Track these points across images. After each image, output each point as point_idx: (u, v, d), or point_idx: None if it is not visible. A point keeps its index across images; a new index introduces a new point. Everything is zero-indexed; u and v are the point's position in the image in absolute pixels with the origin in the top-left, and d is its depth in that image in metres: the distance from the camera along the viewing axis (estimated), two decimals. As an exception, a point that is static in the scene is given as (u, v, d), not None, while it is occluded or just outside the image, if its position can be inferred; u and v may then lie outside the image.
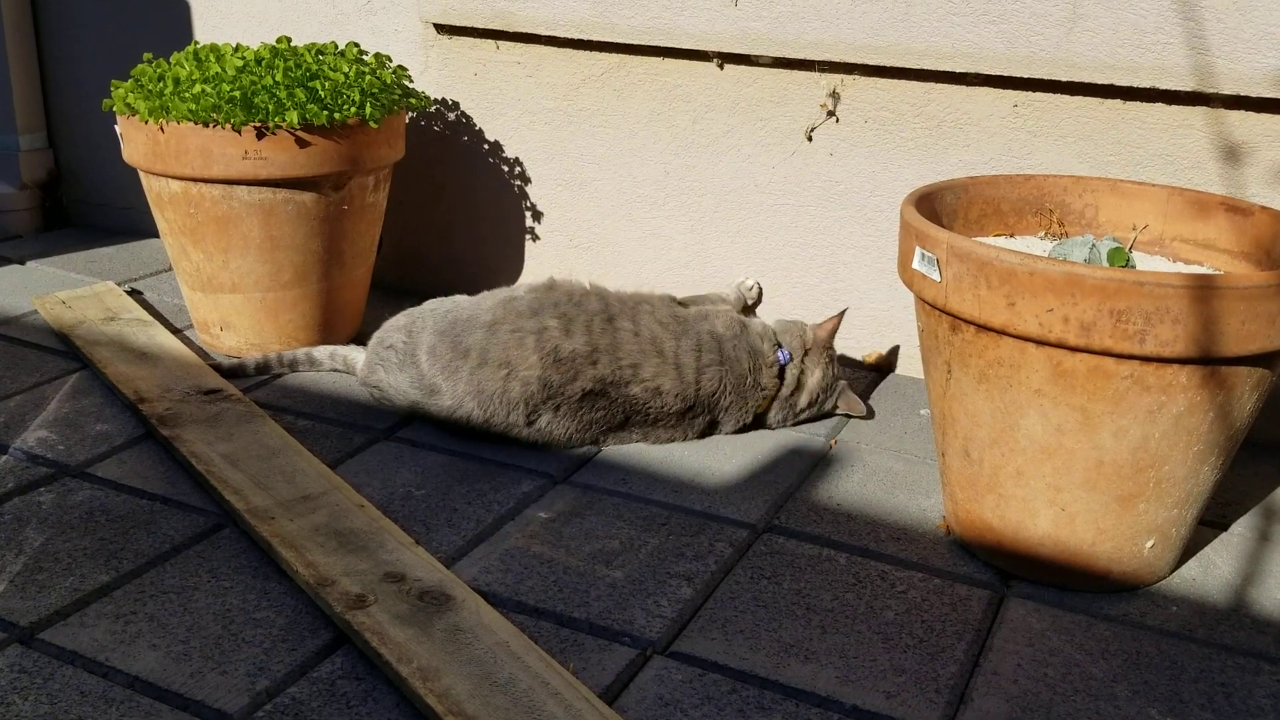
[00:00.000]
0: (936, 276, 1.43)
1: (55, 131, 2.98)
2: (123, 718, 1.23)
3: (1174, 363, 1.33)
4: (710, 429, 1.90)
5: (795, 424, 1.95)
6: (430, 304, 1.97)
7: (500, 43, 2.34)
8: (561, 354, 1.79)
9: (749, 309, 2.14)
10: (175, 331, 2.27)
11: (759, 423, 1.93)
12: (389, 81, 2.15)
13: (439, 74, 2.42)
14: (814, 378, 1.93)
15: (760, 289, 2.16)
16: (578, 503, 1.70)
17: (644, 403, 1.83)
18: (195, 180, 2.02)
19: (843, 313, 1.99)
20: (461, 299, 1.97)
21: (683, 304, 1.97)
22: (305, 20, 2.52)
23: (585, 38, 2.20)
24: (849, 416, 2.00)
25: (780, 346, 1.93)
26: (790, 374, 1.92)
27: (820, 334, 1.95)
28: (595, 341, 1.81)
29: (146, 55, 2.16)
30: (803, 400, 1.93)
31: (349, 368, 2.07)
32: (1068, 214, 1.73)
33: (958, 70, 1.94)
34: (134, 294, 2.48)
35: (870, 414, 2.00)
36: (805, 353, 1.93)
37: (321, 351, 2.11)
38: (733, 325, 1.91)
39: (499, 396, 1.80)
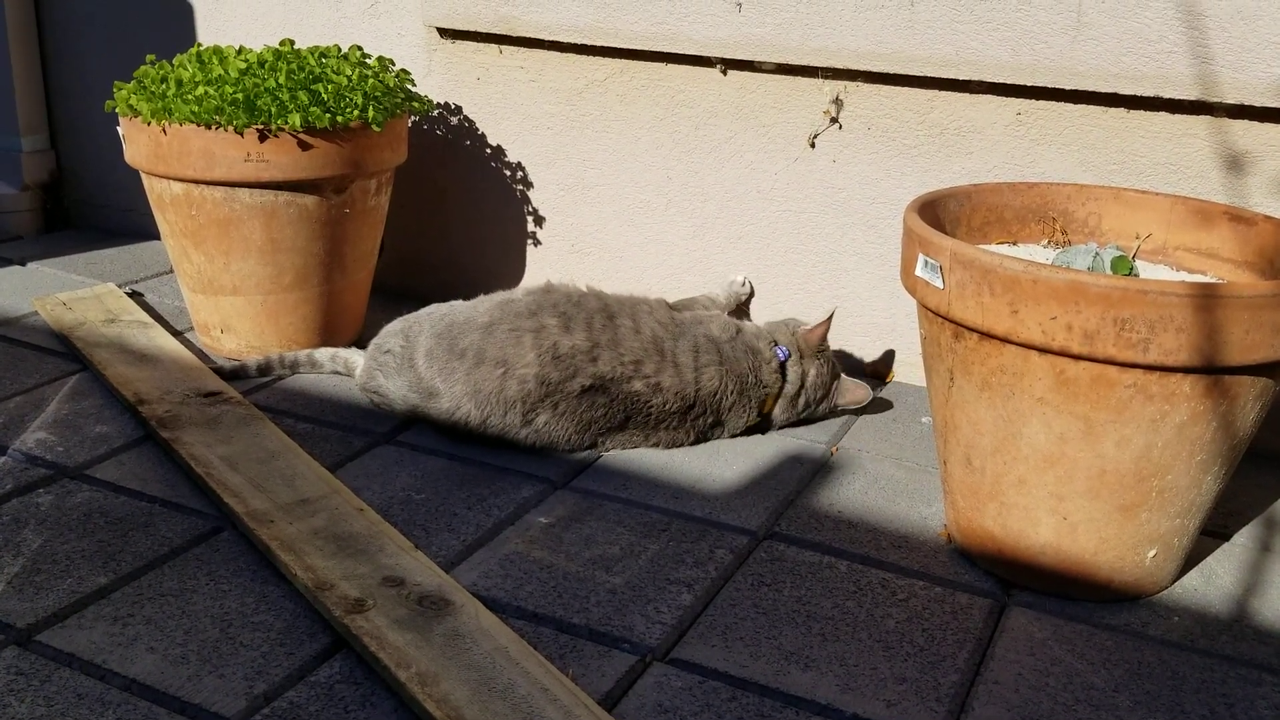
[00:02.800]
0: (939, 283, 1.43)
1: (57, 133, 2.98)
2: (119, 721, 1.23)
3: (1177, 372, 1.32)
4: (714, 429, 1.90)
5: (797, 422, 1.96)
6: (427, 309, 1.97)
7: (503, 47, 2.34)
8: (560, 351, 1.79)
9: (742, 307, 2.14)
10: (176, 334, 2.27)
11: (765, 421, 1.94)
12: (392, 85, 2.15)
13: (442, 78, 2.42)
14: (810, 376, 1.94)
15: (751, 286, 2.16)
16: (578, 508, 1.69)
17: (645, 400, 1.82)
18: (197, 182, 2.02)
19: (830, 315, 1.97)
20: (458, 303, 1.97)
21: (675, 309, 1.97)
22: (309, 23, 2.52)
23: (588, 43, 2.20)
24: (853, 412, 2.01)
25: (777, 344, 1.93)
26: (793, 371, 1.92)
27: (810, 338, 1.95)
28: (596, 338, 1.81)
29: (149, 57, 2.16)
30: (801, 401, 1.94)
31: (349, 370, 2.07)
32: (1071, 222, 1.73)
33: (961, 78, 1.94)
34: (135, 296, 2.48)
35: (871, 395, 1.99)
36: (801, 355, 1.94)
37: (323, 353, 2.11)
38: (728, 328, 1.92)
39: (495, 396, 1.79)
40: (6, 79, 2.86)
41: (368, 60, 2.19)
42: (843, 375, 1.99)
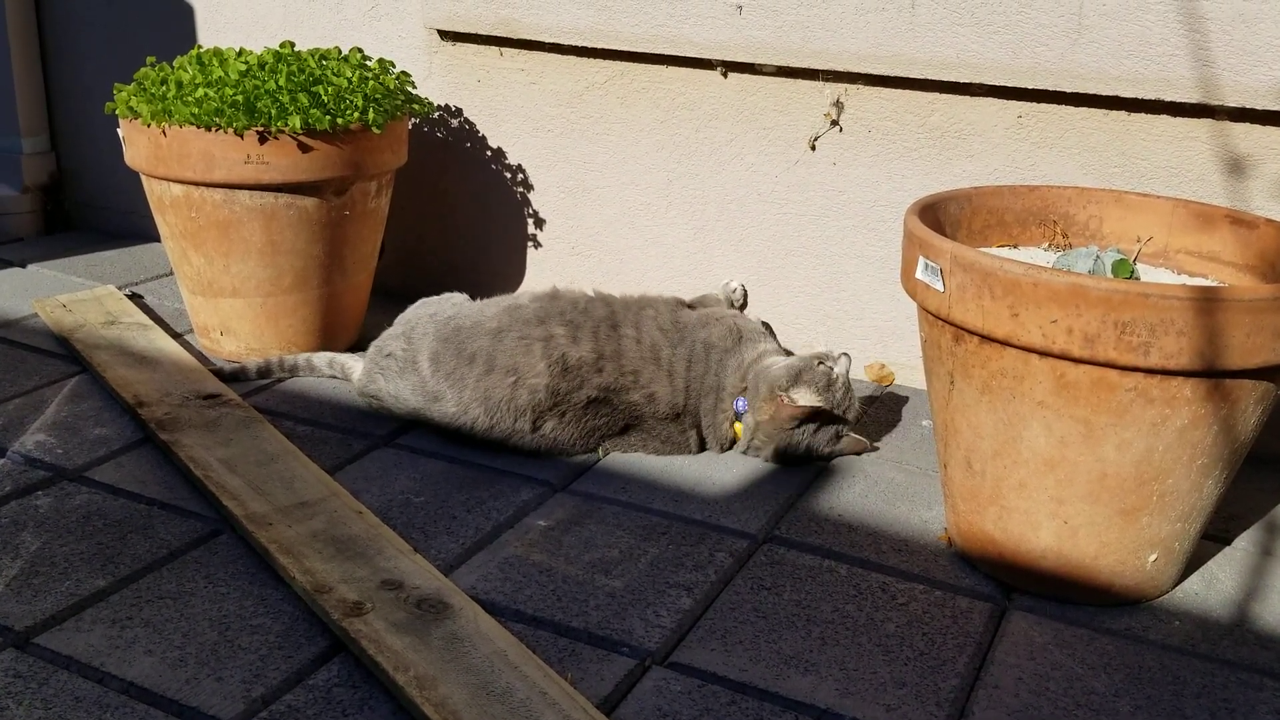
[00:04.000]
0: (940, 286, 1.43)
1: (58, 135, 2.98)
2: (117, 724, 1.22)
3: (1178, 375, 1.32)
4: (703, 445, 1.88)
5: None
6: (424, 309, 1.96)
7: (504, 50, 2.34)
8: (569, 362, 1.79)
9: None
10: (175, 336, 2.27)
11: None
12: (392, 87, 2.15)
13: (442, 80, 2.42)
14: (764, 453, 1.83)
15: (745, 291, 2.15)
16: (577, 511, 1.69)
17: (640, 408, 1.82)
18: (197, 184, 2.02)
19: (806, 408, 1.75)
20: (460, 300, 1.96)
21: (690, 306, 1.96)
22: (309, 25, 2.52)
23: (588, 45, 2.20)
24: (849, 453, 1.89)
25: (744, 391, 1.82)
26: (748, 425, 1.81)
27: (780, 415, 1.77)
28: (601, 349, 1.81)
29: (150, 59, 2.16)
30: (758, 455, 1.85)
31: (346, 375, 2.07)
32: (1072, 225, 1.72)
33: (962, 80, 1.94)
34: (134, 298, 2.48)
35: (870, 448, 1.88)
36: (758, 425, 1.79)
37: (321, 358, 2.11)
38: (725, 338, 1.88)
39: (506, 403, 1.79)
40: (7, 80, 2.86)
41: (368, 62, 2.19)
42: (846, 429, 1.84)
